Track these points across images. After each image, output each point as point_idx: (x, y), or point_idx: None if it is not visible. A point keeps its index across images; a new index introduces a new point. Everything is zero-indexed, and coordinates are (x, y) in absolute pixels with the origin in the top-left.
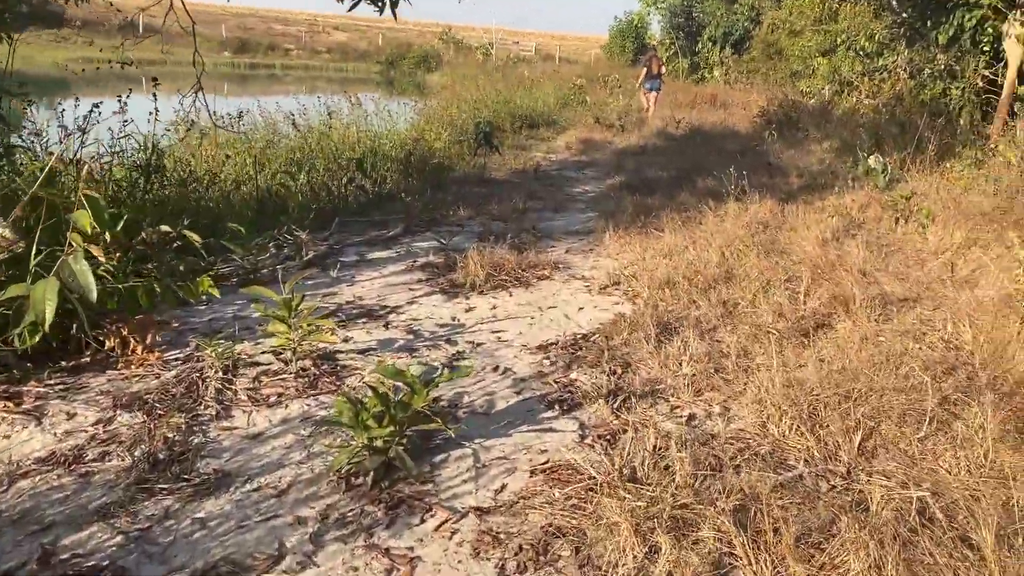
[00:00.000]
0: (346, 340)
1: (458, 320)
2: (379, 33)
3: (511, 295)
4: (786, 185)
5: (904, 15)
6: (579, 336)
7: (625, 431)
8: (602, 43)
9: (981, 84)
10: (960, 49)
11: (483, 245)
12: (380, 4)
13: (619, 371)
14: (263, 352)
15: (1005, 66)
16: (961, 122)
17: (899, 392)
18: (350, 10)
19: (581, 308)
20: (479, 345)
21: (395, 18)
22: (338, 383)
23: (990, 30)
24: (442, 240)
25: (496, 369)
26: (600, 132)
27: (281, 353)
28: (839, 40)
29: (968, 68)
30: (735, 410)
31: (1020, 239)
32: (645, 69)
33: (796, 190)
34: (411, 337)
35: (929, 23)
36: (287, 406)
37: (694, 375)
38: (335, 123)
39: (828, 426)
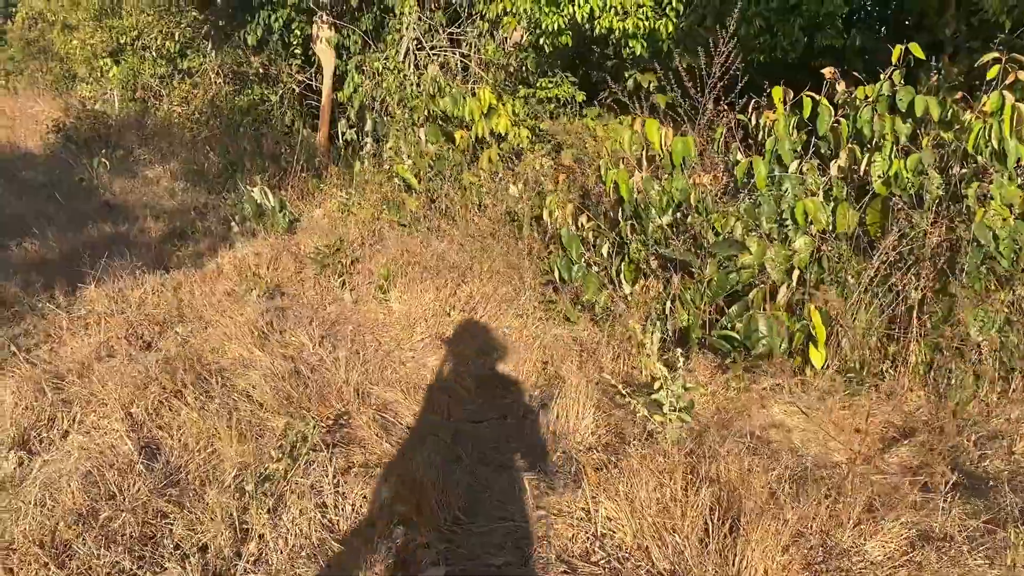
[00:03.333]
0: None
1: None
2: None
3: None
4: (146, 238)
5: (196, 12)
6: None
7: None
8: None
9: (298, 89)
10: (274, 52)
11: None
12: None
13: None
14: None
15: (319, 70)
16: (300, 133)
17: None
18: None
19: None
20: None
21: None
22: None
23: (299, 32)
24: None
25: None
26: None
27: None
28: (128, 39)
29: (284, 72)
30: None
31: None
32: None
33: (163, 244)
34: None
35: (235, 22)
36: None
37: None
38: None
39: None
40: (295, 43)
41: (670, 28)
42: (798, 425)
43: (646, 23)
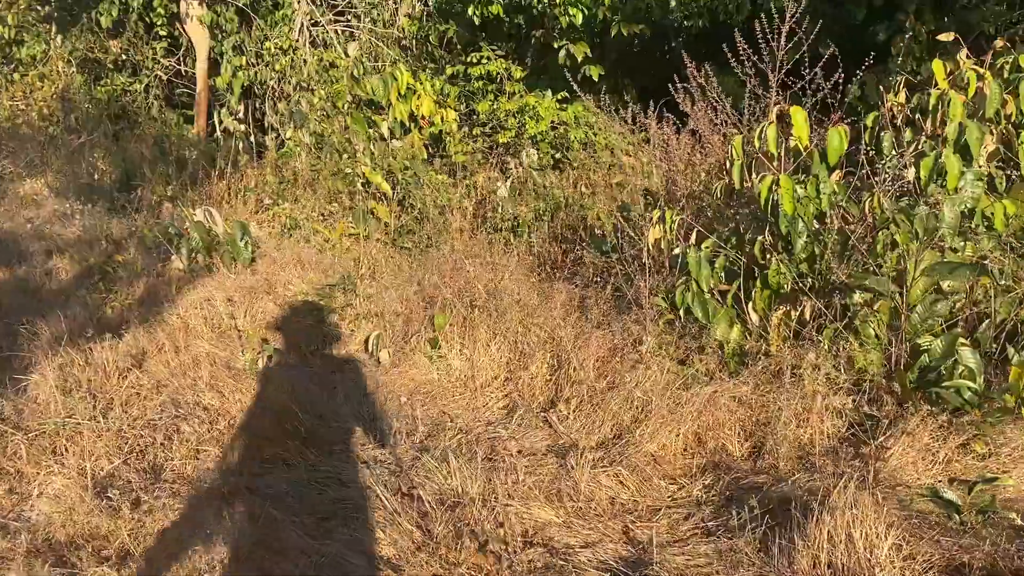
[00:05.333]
0: None
1: None
2: None
3: None
4: (60, 284)
5: None
6: None
7: None
8: None
9: (166, 77)
10: (134, 35)
11: None
12: None
13: None
14: None
15: (189, 53)
16: (180, 127)
17: None
18: None
19: None
20: None
21: None
22: None
23: (162, 10)
24: None
25: None
26: None
27: None
28: None
29: (147, 58)
30: None
31: None
32: None
33: (87, 292)
34: None
35: (84, 2)
36: None
37: None
38: None
39: None
40: (159, 23)
41: None
42: None
43: None
